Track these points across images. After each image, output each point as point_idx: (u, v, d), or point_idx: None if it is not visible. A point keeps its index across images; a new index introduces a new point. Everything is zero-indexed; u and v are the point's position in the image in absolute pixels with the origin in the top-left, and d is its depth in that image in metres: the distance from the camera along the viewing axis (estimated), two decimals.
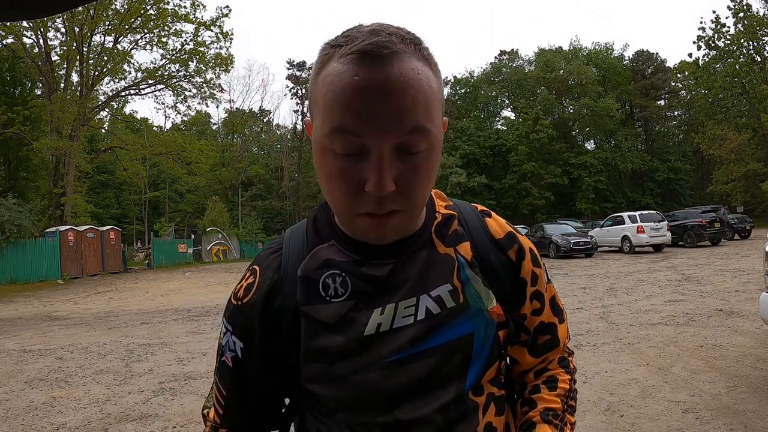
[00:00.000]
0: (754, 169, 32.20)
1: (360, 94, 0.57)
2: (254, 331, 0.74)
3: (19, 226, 18.24)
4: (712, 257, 15.12)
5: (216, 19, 27.63)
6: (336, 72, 0.59)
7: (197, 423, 3.83)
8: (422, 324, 0.71)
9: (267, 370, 0.75)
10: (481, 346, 0.73)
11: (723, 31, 34.73)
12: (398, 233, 0.68)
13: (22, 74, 28.10)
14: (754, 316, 6.30)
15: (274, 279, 0.75)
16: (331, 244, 0.74)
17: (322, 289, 0.72)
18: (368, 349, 0.70)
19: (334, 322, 0.71)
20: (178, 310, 10.42)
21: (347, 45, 0.59)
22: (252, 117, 52.75)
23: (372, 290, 0.71)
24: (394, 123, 0.58)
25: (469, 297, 0.74)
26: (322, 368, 0.71)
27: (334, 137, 0.60)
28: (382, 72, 0.57)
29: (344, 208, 0.65)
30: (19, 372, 5.59)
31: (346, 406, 0.71)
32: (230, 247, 34.80)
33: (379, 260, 0.72)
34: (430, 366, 0.70)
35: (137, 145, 27.35)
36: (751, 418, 3.36)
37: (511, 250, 0.79)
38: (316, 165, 0.66)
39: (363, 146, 0.60)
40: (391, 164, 0.60)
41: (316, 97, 0.63)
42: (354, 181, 0.61)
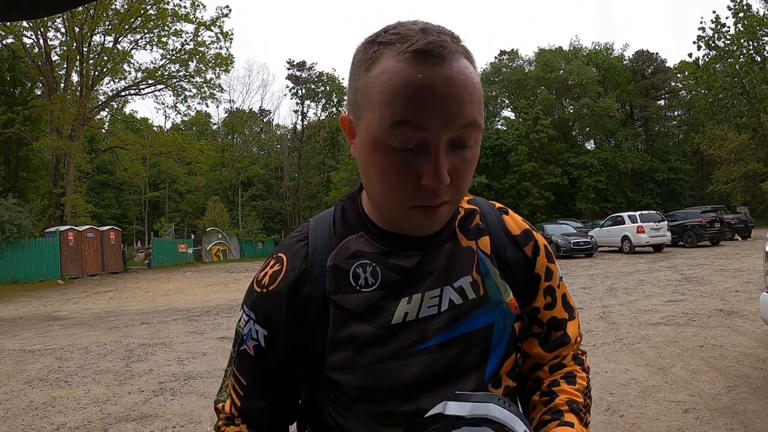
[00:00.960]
0: (754, 169, 32.18)
1: (424, 90, 0.60)
2: (280, 319, 0.75)
3: (19, 226, 18.24)
4: (712, 257, 15.12)
5: (216, 19, 27.65)
6: (395, 69, 0.61)
7: (197, 423, 3.83)
8: (446, 314, 0.73)
9: (290, 358, 0.76)
10: (499, 337, 0.75)
11: (723, 31, 34.72)
12: (443, 223, 0.71)
13: (22, 74, 28.09)
14: (754, 316, 6.30)
15: (302, 268, 0.75)
16: (360, 235, 0.76)
17: (353, 278, 0.73)
18: (395, 338, 0.72)
19: (363, 311, 0.72)
20: (178, 310, 10.42)
21: (402, 43, 0.62)
22: (252, 117, 52.74)
23: (400, 280, 0.73)
24: (454, 117, 0.61)
25: (489, 289, 0.76)
26: (348, 356, 0.72)
27: (395, 131, 0.62)
28: (444, 71, 0.61)
29: (397, 202, 0.66)
30: (19, 372, 5.59)
31: (369, 394, 0.73)
32: (230, 247, 34.80)
33: (407, 251, 0.74)
34: (452, 355, 0.73)
35: (137, 145, 27.35)
36: (751, 418, 3.36)
37: (527, 246, 0.82)
38: (366, 159, 0.67)
39: (421, 140, 0.62)
40: (446, 157, 0.63)
41: (369, 92, 0.64)
42: (412, 175, 0.63)
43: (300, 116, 53.65)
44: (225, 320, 8.73)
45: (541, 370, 0.84)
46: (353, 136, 0.70)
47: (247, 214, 43.51)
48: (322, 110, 54.66)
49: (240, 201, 44.94)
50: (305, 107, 53.39)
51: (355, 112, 0.68)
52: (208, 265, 28.55)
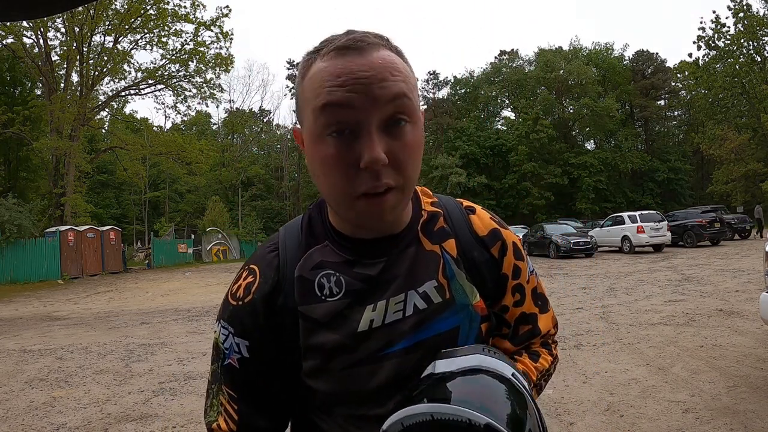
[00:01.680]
0: (754, 169, 32.18)
1: (346, 75, 0.64)
2: (257, 330, 0.76)
3: (19, 226, 18.24)
4: (712, 257, 15.12)
5: (216, 19, 27.64)
6: (320, 68, 0.66)
7: (197, 423, 3.83)
8: (411, 319, 0.74)
9: (274, 366, 0.77)
10: (465, 339, 0.76)
11: (723, 31, 34.72)
12: (395, 211, 0.70)
13: (22, 74, 28.09)
14: (754, 316, 6.30)
15: (274, 279, 0.77)
16: (324, 245, 0.77)
17: (318, 288, 0.75)
18: (362, 344, 0.73)
19: (330, 320, 0.73)
20: (178, 310, 10.42)
21: (327, 46, 0.67)
22: (252, 117, 52.73)
23: (365, 288, 0.74)
24: (378, 93, 0.63)
25: (455, 293, 0.77)
26: (318, 364, 0.74)
27: (325, 115, 0.64)
28: (363, 58, 0.65)
29: (343, 193, 0.67)
30: (19, 372, 5.59)
31: (343, 399, 0.75)
32: (230, 247, 34.80)
33: (370, 260, 0.75)
34: (418, 358, 0.73)
35: (137, 145, 27.34)
36: (751, 418, 3.36)
37: (494, 247, 0.82)
38: (311, 159, 0.69)
39: (353, 123, 0.64)
40: (381, 138, 0.64)
41: (305, 96, 0.68)
42: (350, 161, 0.65)
43: None
44: None
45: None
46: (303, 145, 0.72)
47: (247, 214, 43.52)
48: None
49: (240, 201, 44.94)
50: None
51: (300, 121, 0.71)
52: (208, 265, 28.55)
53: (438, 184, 42.08)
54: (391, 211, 0.69)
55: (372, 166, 0.63)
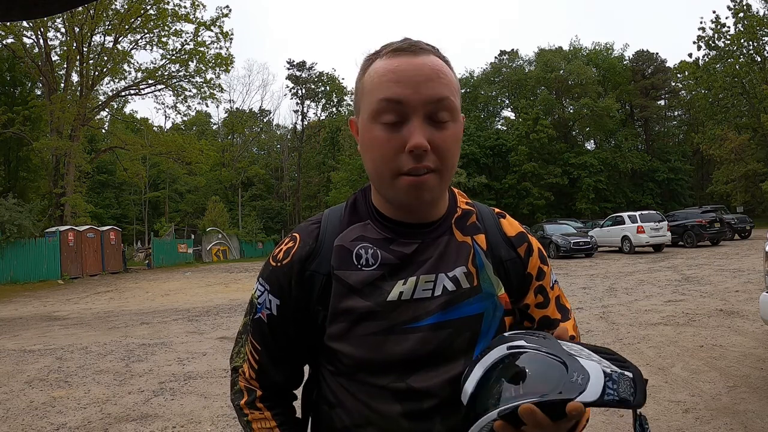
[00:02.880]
0: (754, 169, 32.16)
1: (399, 72, 0.75)
2: (290, 290, 0.84)
3: (19, 226, 18.23)
4: (712, 257, 15.12)
5: (216, 19, 27.65)
6: (379, 66, 0.78)
7: (197, 423, 3.83)
8: (439, 299, 0.81)
9: (298, 326, 0.86)
10: (488, 326, 0.82)
11: (723, 31, 34.72)
12: (432, 193, 0.79)
13: (22, 74, 28.10)
14: (754, 316, 6.30)
15: (312, 246, 0.85)
16: (366, 223, 0.85)
17: (355, 258, 0.82)
18: (390, 314, 0.79)
19: (362, 287, 0.80)
20: (178, 310, 10.41)
21: (385, 49, 0.79)
22: (252, 117, 52.73)
23: (398, 264, 0.81)
24: (425, 91, 0.75)
25: (482, 281, 0.84)
26: (346, 327, 0.80)
27: (380, 107, 0.76)
28: (415, 60, 0.76)
29: (387, 171, 0.77)
30: (19, 372, 5.59)
31: (365, 366, 0.80)
32: (230, 247, 34.80)
33: (406, 239, 0.83)
34: (442, 337, 0.79)
35: (137, 145, 27.32)
36: (751, 418, 3.36)
37: (520, 247, 0.90)
38: (364, 143, 0.80)
39: (403, 114, 0.75)
40: (424, 128, 0.75)
41: (363, 89, 0.80)
42: (397, 144, 0.75)
43: (300, 116, 53.66)
44: (225, 320, 8.73)
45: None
46: (357, 133, 0.83)
47: (247, 214, 43.50)
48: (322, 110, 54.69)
49: (240, 201, 44.94)
50: (305, 107, 53.39)
51: (357, 111, 0.82)
52: (208, 265, 28.55)
53: None
54: (429, 191, 0.77)
55: (415, 149, 0.73)
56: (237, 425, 3.75)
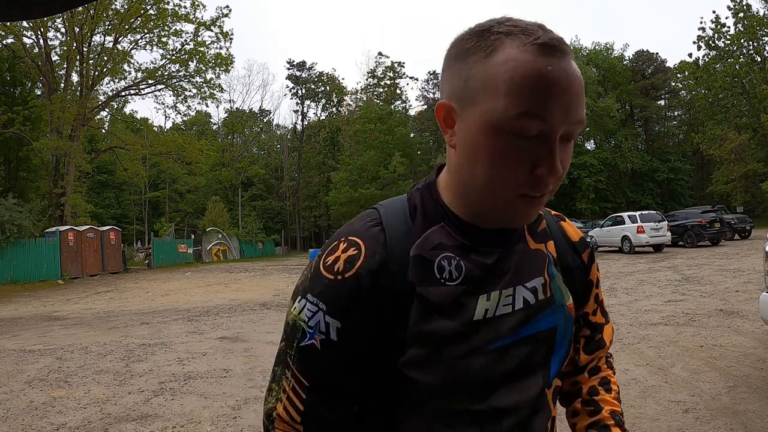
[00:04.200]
0: (754, 169, 32.18)
1: (552, 82, 0.61)
2: (355, 309, 0.68)
3: (19, 226, 18.23)
4: (712, 257, 15.12)
5: (216, 19, 27.68)
6: (522, 59, 0.61)
7: (197, 423, 3.83)
8: (519, 313, 0.73)
9: (361, 354, 0.70)
10: (562, 339, 0.77)
11: (723, 31, 34.74)
12: (537, 214, 0.73)
13: (22, 74, 28.11)
14: (754, 316, 6.30)
15: (383, 255, 0.70)
16: (441, 226, 0.73)
17: (437, 270, 0.70)
18: (475, 334, 0.70)
19: (447, 305, 0.69)
20: (178, 310, 10.41)
21: (525, 35, 0.63)
22: (252, 117, 52.77)
23: (481, 276, 0.71)
24: (571, 112, 0.63)
25: (554, 292, 0.78)
26: (427, 352, 0.68)
27: (520, 119, 0.62)
28: (566, 66, 0.63)
29: (506, 189, 0.66)
30: (19, 372, 5.58)
31: (443, 392, 0.70)
32: (230, 247, 34.81)
33: (486, 247, 0.73)
34: (523, 354, 0.73)
35: (137, 145, 27.34)
36: (751, 418, 3.36)
37: (584, 252, 0.85)
38: (476, 144, 0.65)
39: (541, 130, 0.62)
40: (558, 149, 0.64)
41: (491, 79, 0.63)
42: (525, 163, 0.63)
43: (300, 116, 53.71)
44: (225, 320, 8.73)
45: (581, 374, 0.88)
46: (451, 123, 0.68)
47: (247, 214, 43.53)
48: (322, 110, 54.73)
49: (240, 201, 44.97)
50: (305, 107, 53.46)
51: (465, 98, 0.66)
52: (208, 265, 28.55)
53: None
54: (536, 213, 0.71)
55: (550, 175, 0.64)
56: (237, 425, 3.75)
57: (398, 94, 47.60)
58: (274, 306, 10.32)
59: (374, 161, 39.82)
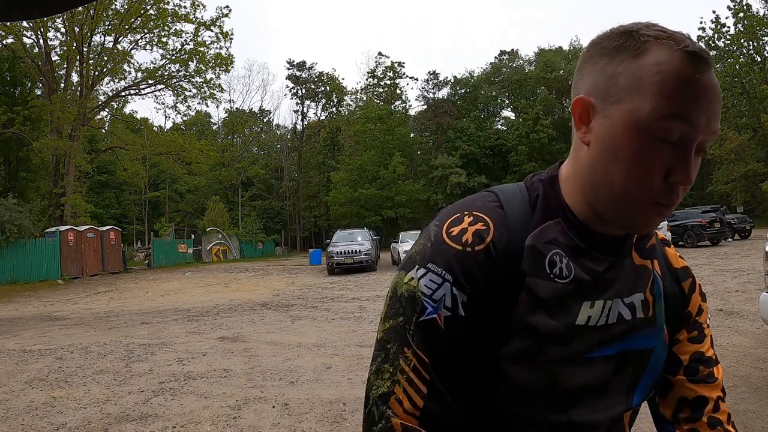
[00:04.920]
0: (754, 169, 32.19)
1: (701, 90, 0.61)
2: (483, 285, 0.66)
3: (19, 226, 18.24)
4: (712, 257, 15.11)
5: (216, 19, 27.68)
6: (674, 63, 0.61)
7: (197, 423, 3.83)
8: (616, 327, 0.70)
9: (479, 335, 0.66)
10: (655, 362, 0.74)
11: (723, 31, 34.77)
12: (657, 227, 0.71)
13: (22, 74, 28.11)
14: (754, 316, 6.30)
15: (507, 236, 0.68)
16: (557, 222, 0.71)
17: (548, 265, 0.68)
18: (573, 340, 0.68)
19: (553, 302, 0.67)
20: (178, 310, 10.41)
21: (675, 42, 0.62)
22: (252, 117, 52.78)
23: (589, 282, 0.69)
24: (713, 122, 0.62)
25: (657, 312, 0.74)
26: (525, 348, 0.66)
27: (667, 122, 0.61)
28: (712, 77, 0.62)
29: (639, 192, 0.64)
30: (19, 372, 5.58)
31: (528, 393, 0.67)
32: (230, 247, 34.82)
33: (599, 254, 0.71)
34: (611, 371, 0.70)
35: (137, 145, 27.35)
36: (751, 418, 3.36)
37: (685, 281, 0.81)
38: (616, 144, 0.64)
39: (682, 136, 0.62)
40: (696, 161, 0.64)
41: (640, 79, 0.62)
42: (661, 168, 0.62)
43: (300, 116, 53.71)
44: (225, 320, 8.73)
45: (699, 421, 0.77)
46: (587, 120, 0.67)
47: (247, 214, 43.54)
48: (322, 110, 54.74)
49: (240, 201, 44.97)
50: (305, 107, 53.46)
51: (608, 95, 0.64)
52: (208, 265, 28.56)
53: (438, 184, 42.11)
54: (658, 224, 0.69)
55: (684, 185, 0.63)
56: (237, 425, 3.74)
57: (398, 94, 47.64)
58: (274, 306, 10.32)
59: (374, 161, 39.84)
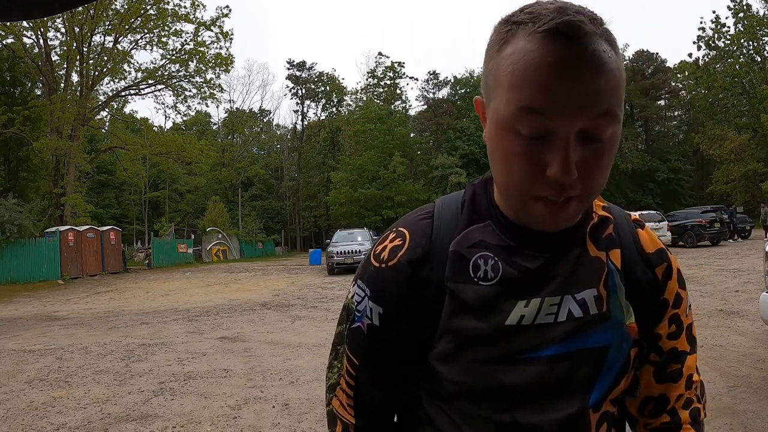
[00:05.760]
0: (754, 169, 32.18)
1: (554, 72, 0.55)
2: (395, 297, 0.71)
3: (19, 226, 18.23)
4: (712, 257, 15.12)
5: (216, 19, 27.67)
6: (524, 50, 0.57)
7: (197, 423, 3.83)
8: (563, 326, 0.68)
9: (400, 341, 0.73)
10: (613, 361, 0.69)
11: (723, 31, 34.75)
12: (570, 221, 0.66)
13: (22, 74, 28.10)
14: (754, 316, 6.30)
15: (425, 248, 0.71)
16: (486, 224, 0.71)
17: (472, 269, 0.69)
18: (505, 340, 0.67)
19: (478, 305, 0.68)
20: (178, 310, 10.41)
21: (534, 22, 0.57)
22: (252, 117, 52.78)
23: (521, 280, 0.68)
24: (587, 104, 0.56)
25: (612, 307, 0.70)
26: (453, 349, 0.69)
27: (520, 116, 0.57)
28: (576, 53, 0.55)
29: (520, 191, 0.62)
30: (19, 372, 5.58)
31: (468, 394, 0.69)
32: (230, 247, 34.81)
33: (532, 251, 0.69)
34: (559, 371, 0.67)
35: (137, 145, 27.34)
36: (751, 418, 3.36)
37: (659, 267, 0.75)
38: (493, 144, 0.63)
39: (549, 129, 0.57)
40: (575, 150, 0.58)
41: (498, 74, 0.60)
42: (536, 164, 0.59)
43: (300, 116, 53.71)
44: (225, 320, 8.73)
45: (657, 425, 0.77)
46: (484, 120, 0.66)
47: (247, 214, 43.53)
48: (322, 110, 54.73)
49: (240, 201, 44.97)
50: (305, 107, 53.46)
51: (487, 94, 0.64)
52: (208, 265, 28.55)
53: (438, 184, 42.09)
54: (567, 219, 0.65)
55: (559, 179, 0.58)
56: (237, 425, 3.75)
57: (398, 94, 47.60)
58: (274, 306, 10.32)
59: (374, 161, 39.82)
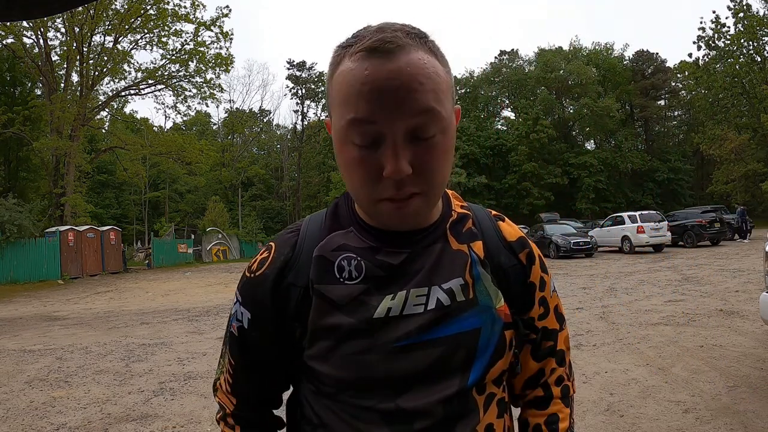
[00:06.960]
0: (754, 169, 32.15)
1: (371, 84, 0.62)
2: (262, 303, 0.78)
3: (19, 226, 18.23)
4: (712, 257, 15.12)
5: (216, 19, 27.63)
6: (348, 69, 0.65)
7: (197, 423, 3.83)
8: (431, 313, 0.73)
9: (271, 343, 0.79)
10: (486, 342, 0.75)
11: (723, 31, 34.72)
12: (418, 217, 0.71)
13: (22, 74, 28.11)
14: (754, 316, 6.30)
15: (288, 256, 0.78)
16: (348, 231, 0.77)
17: (337, 270, 0.74)
18: (376, 332, 0.72)
19: (346, 303, 0.73)
20: (178, 310, 10.41)
21: (356, 44, 0.65)
22: (252, 117, 52.75)
23: (385, 276, 0.74)
24: (404, 105, 0.62)
25: (478, 293, 0.76)
26: (328, 346, 0.73)
27: (351, 128, 0.64)
28: (390, 64, 0.62)
29: (365, 196, 0.68)
30: (19, 372, 5.59)
31: (349, 387, 0.73)
32: (230, 247, 34.78)
33: (393, 248, 0.75)
34: (434, 356, 0.72)
35: (137, 145, 27.31)
36: (751, 418, 3.36)
37: (521, 253, 0.83)
38: (337, 157, 0.70)
39: (378, 134, 0.64)
40: (405, 148, 0.64)
41: (332, 95, 0.68)
42: (373, 169, 0.65)
43: (300, 116, 53.67)
44: (225, 320, 8.72)
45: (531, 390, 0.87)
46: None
47: (247, 214, 43.53)
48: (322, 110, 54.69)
49: (240, 201, 44.96)
50: (305, 107, 53.41)
51: (329, 114, 0.71)
52: (208, 265, 28.54)
53: None
54: (414, 216, 0.70)
55: (394, 177, 0.64)
56: None
57: None
58: None
59: None
